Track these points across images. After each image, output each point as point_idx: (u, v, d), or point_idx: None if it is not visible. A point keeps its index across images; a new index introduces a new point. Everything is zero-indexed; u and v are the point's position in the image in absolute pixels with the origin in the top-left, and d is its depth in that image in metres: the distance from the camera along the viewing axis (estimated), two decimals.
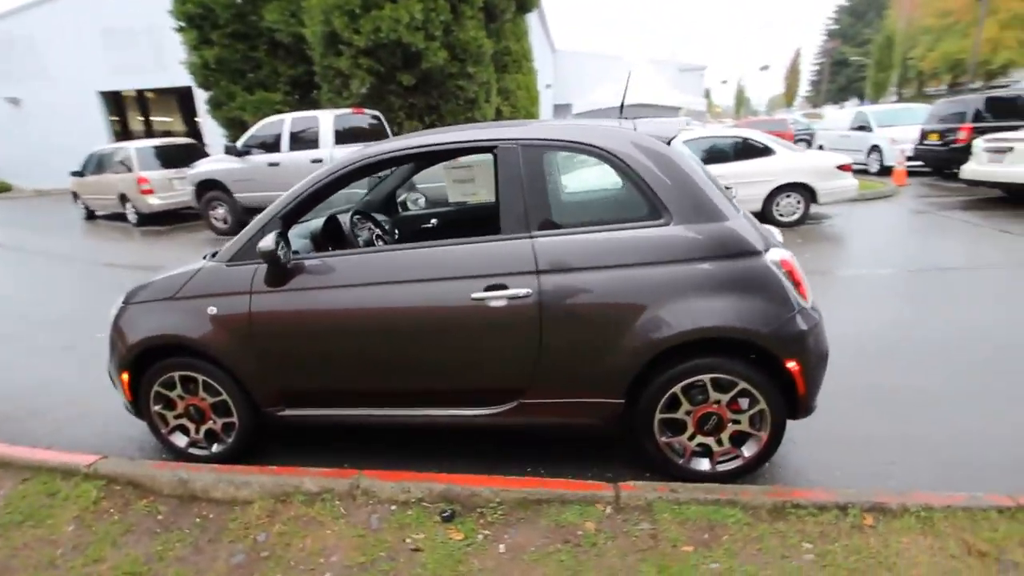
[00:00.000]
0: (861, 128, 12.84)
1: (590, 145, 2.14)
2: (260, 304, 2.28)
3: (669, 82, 20.25)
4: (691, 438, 2.19)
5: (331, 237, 2.87)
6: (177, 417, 2.55)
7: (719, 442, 2.19)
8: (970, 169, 8.10)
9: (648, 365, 2.08)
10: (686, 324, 2.03)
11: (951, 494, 1.94)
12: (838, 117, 16.03)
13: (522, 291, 2.07)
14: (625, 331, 2.07)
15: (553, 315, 2.08)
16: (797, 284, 2.08)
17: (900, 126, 11.80)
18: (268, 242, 2.11)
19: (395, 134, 9.81)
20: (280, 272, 2.26)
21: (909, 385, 2.96)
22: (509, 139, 2.19)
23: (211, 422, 2.53)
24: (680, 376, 2.10)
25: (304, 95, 11.72)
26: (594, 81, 21.55)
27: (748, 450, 2.18)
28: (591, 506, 1.99)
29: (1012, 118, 9.05)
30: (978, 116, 9.67)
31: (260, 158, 8.52)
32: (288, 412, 2.43)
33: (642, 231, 2.08)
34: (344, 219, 2.96)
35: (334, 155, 7.94)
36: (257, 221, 2.35)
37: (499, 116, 12.48)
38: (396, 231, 3.40)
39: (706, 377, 2.10)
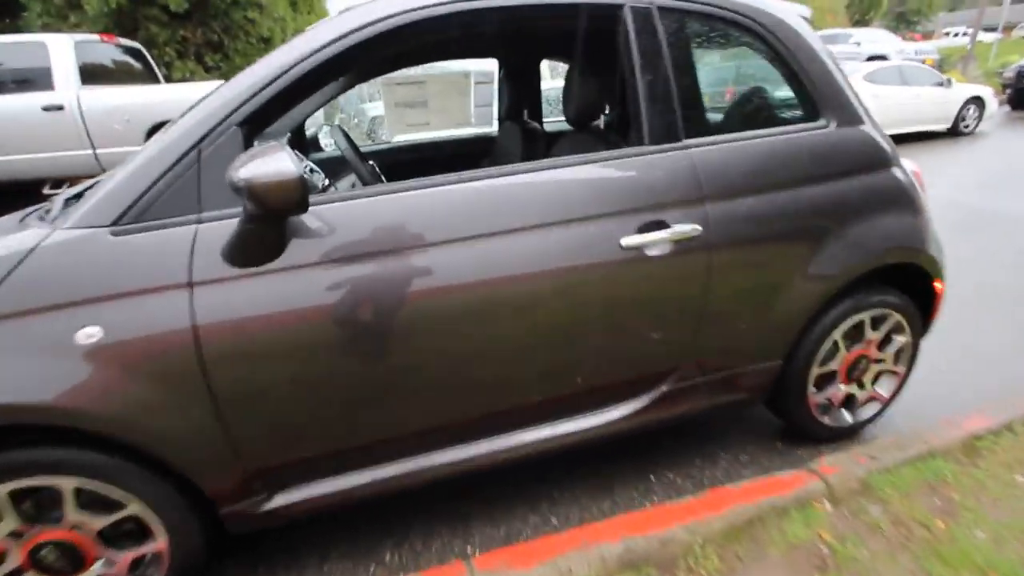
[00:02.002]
0: None
1: (747, 16, 1.50)
2: (219, 306, 1.12)
3: None
4: (837, 389, 1.83)
5: None
6: None
7: (860, 387, 1.88)
8: None
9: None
10: (862, 253, 1.61)
11: None
12: None
13: (689, 228, 1.38)
14: (796, 271, 1.56)
15: (721, 259, 1.45)
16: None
17: None
18: (281, 163, 0.96)
19: (165, 79, 7.37)
20: (276, 233, 1.11)
21: None
22: None
23: (100, 567, 1.25)
24: (841, 318, 1.70)
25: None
26: None
27: (886, 390, 1.91)
28: (809, 508, 1.48)
29: None
30: None
31: None
32: (281, 501, 1.32)
33: (806, 136, 1.56)
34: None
35: (82, 100, 5.55)
36: (181, 131, 1.12)
37: None
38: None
39: (866, 315, 1.74)
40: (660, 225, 1.37)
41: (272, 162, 0.96)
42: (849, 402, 1.87)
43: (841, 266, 1.59)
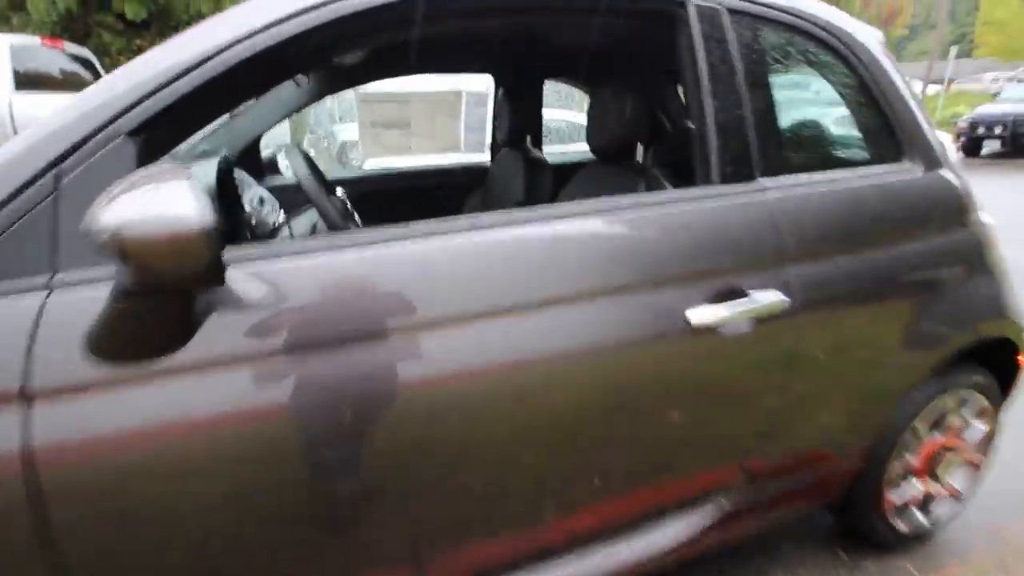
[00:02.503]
0: None
1: (828, 31, 1.20)
2: (71, 427, 0.67)
3: None
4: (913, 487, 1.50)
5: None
6: None
7: (936, 481, 1.55)
8: None
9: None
10: (958, 325, 1.31)
11: None
12: None
13: (774, 298, 1.03)
14: (888, 350, 1.24)
15: (806, 337, 1.11)
16: None
17: None
18: (175, 202, 0.55)
19: None
20: (173, 313, 0.69)
21: None
22: None
23: None
24: (925, 402, 1.38)
25: None
26: None
27: (964, 484, 1.59)
28: None
29: None
30: None
31: None
32: None
33: (894, 181, 1.25)
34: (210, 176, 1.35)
35: (13, 106, 4.99)
36: (27, 144, 0.71)
37: None
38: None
39: (951, 397, 1.42)
40: (736, 294, 1.01)
41: (160, 200, 0.56)
42: (925, 501, 1.53)
43: (937, 342, 1.28)
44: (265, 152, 2.13)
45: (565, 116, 4.45)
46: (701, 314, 0.97)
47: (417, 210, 2.18)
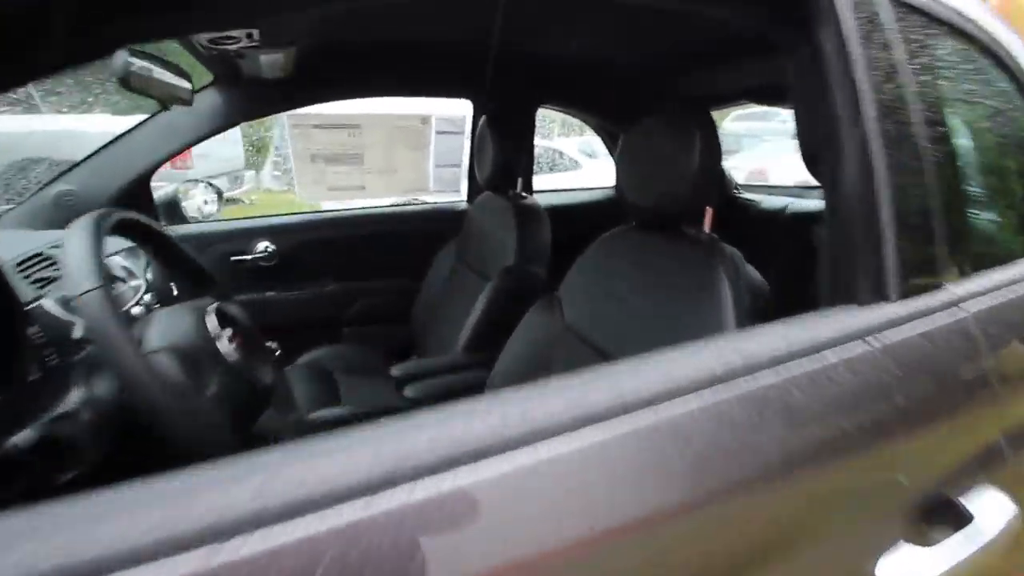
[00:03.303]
0: None
1: (990, 37, 0.76)
2: None
3: None
4: None
5: None
6: None
7: None
8: None
9: None
10: None
11: None
12: None
13: (1004, 511, 0.57)
14: None
15: None
16: None
17: None
18: None
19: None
20: None
21: None
22: None
23: None
24: None
25: None
26: None
27: None
28: None
29: None
30: None
31: None
32: None
33: None
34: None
35: None
36: None
37: None
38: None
39: None
40: (943, 510, 0.54)
41: None
42: None
43: None
44: (161, 191, 1.60)
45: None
46: (896, 564, 0.49)
47: (376, 264, 1.48)
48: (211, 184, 1.80)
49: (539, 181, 1.78)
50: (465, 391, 1.29)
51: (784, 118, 5.27)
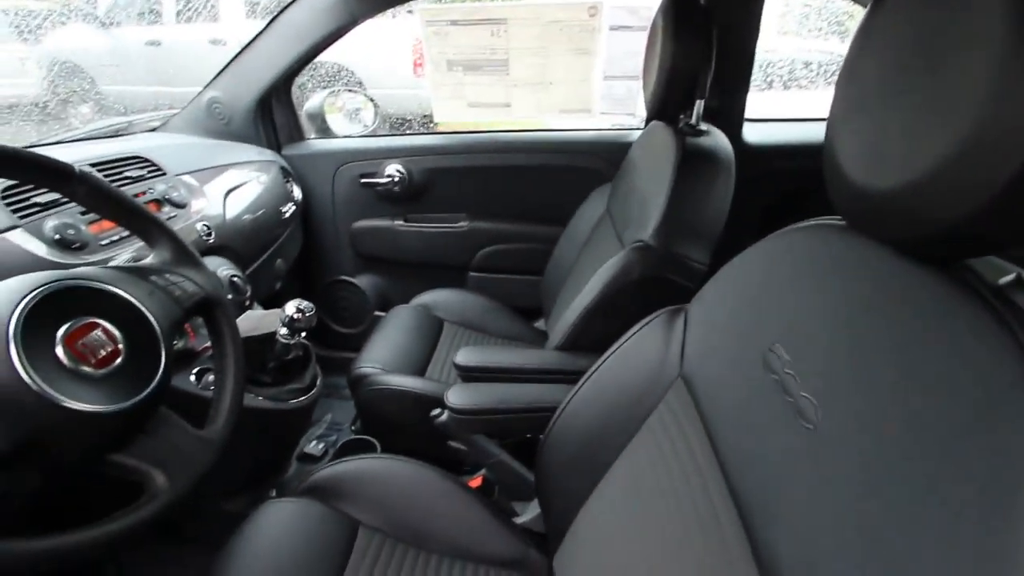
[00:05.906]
0: None
1: None
2: None
3: None
4: None
5: None
6: None
7: None
8: None
9: None
10: None
11: None
12: None
13: None
14: None
15: None
16: None
17: None
18: None
19: None
20: None
21: None
22: None
23: None
24: None
25: None
26: None
27: None
28: None
29: None
30: None
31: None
32: None
33: None
34: None
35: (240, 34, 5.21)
36: None
37: None
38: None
39: None
40: None
41: None
42: None
43: None
44: (309, 103, 1.53)
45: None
46: None
47: (518, 202, 1.45)
48: (369, 96, 1.68)
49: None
50: (522, 419, 0.89)
51: None
